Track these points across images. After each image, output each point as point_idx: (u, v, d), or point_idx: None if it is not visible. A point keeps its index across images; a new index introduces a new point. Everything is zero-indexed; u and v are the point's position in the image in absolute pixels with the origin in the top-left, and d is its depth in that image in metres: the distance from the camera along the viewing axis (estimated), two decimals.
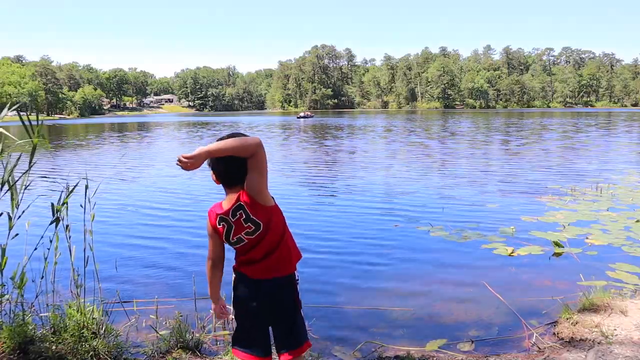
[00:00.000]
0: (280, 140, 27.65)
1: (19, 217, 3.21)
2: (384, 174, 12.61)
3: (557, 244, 5.85)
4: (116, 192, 10.20)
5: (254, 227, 2.06)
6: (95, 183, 4.45)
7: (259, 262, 2.11)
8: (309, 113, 78.61)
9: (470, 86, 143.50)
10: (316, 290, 4.77)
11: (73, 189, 3.42)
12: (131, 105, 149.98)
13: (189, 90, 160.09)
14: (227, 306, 2.39)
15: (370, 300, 4.44)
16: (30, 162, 3.25)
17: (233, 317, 2.26)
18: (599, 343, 3.33)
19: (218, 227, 2.09)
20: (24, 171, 3.28)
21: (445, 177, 11.91)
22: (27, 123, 3.25)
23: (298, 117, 69.54)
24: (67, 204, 3.40)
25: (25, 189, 3.26)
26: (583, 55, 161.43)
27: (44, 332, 3.14)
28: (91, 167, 14.92)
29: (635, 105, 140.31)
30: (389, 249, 6.02)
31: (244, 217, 2.05)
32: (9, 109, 3.25)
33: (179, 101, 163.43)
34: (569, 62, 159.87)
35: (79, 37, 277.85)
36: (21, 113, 3.24)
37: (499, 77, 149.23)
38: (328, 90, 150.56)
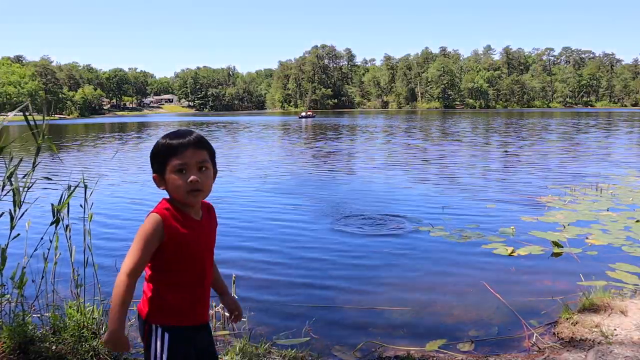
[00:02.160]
0: (288, 138, 27.67)
1: (20, 217, 3.21)
2: (384, 174, 12.61)
3: (556, 244, 5.85)
4: (115, 192, 10.19)
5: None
6: (94, 183, 4.45)
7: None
8: (310, 113, 79.28)
9: (470, 86, 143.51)
10: (316, 289, 4.77)
11: (74, 189, 3.42)
12: (131, 105, 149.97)
13: (189, 90, 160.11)
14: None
15: (370, 300, 4.44)
16: (34, 163, 3.25)
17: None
18: (599, 343, 3.33)
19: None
20: (27, 171, 3.28)
21: (445, 178, 11.91)
22: (32, 123, 3.26)
23: (300, 117, 70.40)
24: (68, 204, 3.40)
25: (28, 189, 3.26)
26: (583, 55, 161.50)
27: (44, 332, 3.14)
28: (91, 166, 14.92)
29: (635, 105, 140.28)
30: (389, 248, 6.02)
31: None
32: (13, 110, 3.26)
33: (179, 101, 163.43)
34: (569, 62, 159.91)
35: (79, 37, 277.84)
36: (20, 113, 3.25)
37: (499, 77, 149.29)
38: (328, 90, 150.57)
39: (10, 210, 3.13)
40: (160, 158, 1.71)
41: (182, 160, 1.67)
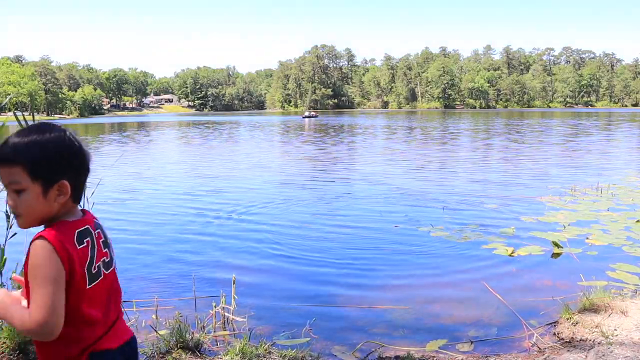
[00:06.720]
0: (296, 137, 27.68)
1: None
2: (384, 174, 12.61)
3: (557, 244, 5.84)
4: (114, 192, 10.18)
5: (109, 258, 1.46)
6: (94, 182, 4.44)
7: (118, 319, 1.47)
8: (313, 113, 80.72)
9: (470, 86, 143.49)
10: (316, 289, 4.76)
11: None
12: (131, 105, 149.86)
13: (189, 90, 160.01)
14: None
15: (370, 300, 4.44)
16: None
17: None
18: (599, 343, 3.33)
19: (78, 248, 1.33)
20: None
21: (445, 178, 11.91)
22: (23, 123, 3.24)
23: (303, 117, 71.70)
24: None
25: None
26: (583, 55, 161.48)
27: None
28: (92, 166, 14.90)
29: (635, 105, 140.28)
30: (389, 249, 6.02)
31: (103, 238, 1.45)
32: (8, 109, 3.25)
33: (179, 101, 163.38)
34: (569, 62, 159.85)
35: (79, 37, 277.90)
36: (19, 113, 3.24)
37: (499, 77, 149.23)
38: (328, 90, 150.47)
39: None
40: None
41: None
